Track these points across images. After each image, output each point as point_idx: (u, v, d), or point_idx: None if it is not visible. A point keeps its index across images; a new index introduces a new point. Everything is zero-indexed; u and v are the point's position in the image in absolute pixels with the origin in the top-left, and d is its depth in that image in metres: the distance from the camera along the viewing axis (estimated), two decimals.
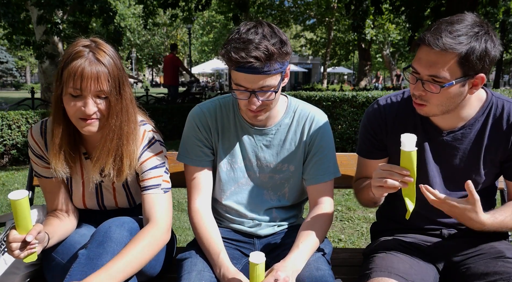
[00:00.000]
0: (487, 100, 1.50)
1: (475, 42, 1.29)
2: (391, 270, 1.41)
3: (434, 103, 1.39)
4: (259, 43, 1.36)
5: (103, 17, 9.80)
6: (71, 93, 1.40)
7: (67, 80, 1.39)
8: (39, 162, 1.61)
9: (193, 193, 1.63)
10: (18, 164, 6.81)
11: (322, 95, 6.99)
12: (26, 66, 51.28)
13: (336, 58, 34.80)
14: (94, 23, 13.81)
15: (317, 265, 1.44)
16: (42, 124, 1.60)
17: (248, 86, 1.42)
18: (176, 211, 4.51)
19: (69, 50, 1.42)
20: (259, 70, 1.38)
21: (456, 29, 1.31)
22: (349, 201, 4.68)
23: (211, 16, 34.94)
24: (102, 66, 1.40)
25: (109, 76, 1.41)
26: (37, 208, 1.69)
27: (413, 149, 1.27)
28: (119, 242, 1.39)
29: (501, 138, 1.49)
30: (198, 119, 1.64)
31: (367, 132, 1.64)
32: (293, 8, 26.42)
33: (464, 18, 1.34)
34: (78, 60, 1.38)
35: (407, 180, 1.29)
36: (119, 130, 1.48)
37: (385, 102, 1.62)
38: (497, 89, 10.80)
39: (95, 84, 1.39)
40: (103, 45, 1.46)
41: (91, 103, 1.40)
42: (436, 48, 1.30)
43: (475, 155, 1.51)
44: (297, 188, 1.70)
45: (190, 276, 1.40)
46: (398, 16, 13.19)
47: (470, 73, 1.33)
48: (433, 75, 1.33)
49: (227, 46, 1.39)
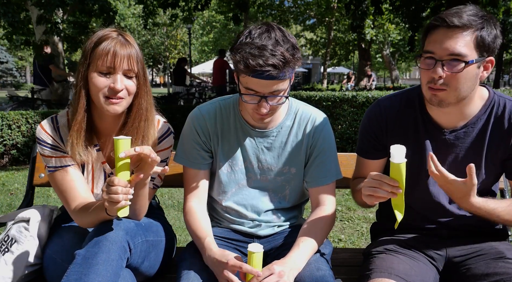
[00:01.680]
0: (489, 99, 1.50)
1: (486, 24, 1.35)
2: (391, 270, 1.41)
3: (454, 86, 1.37)
4: (274, 49, 1.36)
5: (103, 17, 9.80)
6: (101, 70, 1.47)
7: (99, 57, 1.46)
8: (55, 153, 1.57)
9: (188, 194, 1.65)
10: (18, 164, 6.81)
11: (322, 95, 6.99)
12: (26, 66, 51.29)
13: (336, 58, 34.78)
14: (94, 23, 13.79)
15: (317, 265, 1.44)
16: (53, 120, 1.60)
17: (260, 90, 1.42)
18: (176, 211, 4.51)
19: (96, 34, 1.51)
20: (274, 76, 1.38)
21: (468, 11, 1.36)
22: (349, 201, 4.68)
23: (211, 16, 34.96)
24: (133, 47, 1.51)
25: (137, 58, 1.51)
26: (37, 208, 1.68)
27: (402, 161, 1.28)
28: (115, 241, 1.39)
29: (502, 136, 1.48)
30: (198, 122, 1.63)
31: (367, 132, 1.64)
32: (293, 8, 26.41)
33: (466, 8, 1.38)
34: (109, 40, 1.47)
35: (396, 191, 1.30)
36: (145, 112, 1.57)
37: (386, 102, 1.62)
38: (497, 89, 10.82)
39: (127, 62, 1.48)
40: (125, 33, 1.55)
41: (120, 80, 1.48)
42: (458, 23, 1.32)
43: (476, 153, 1.51)
44: (298, 190, 1.70)
45: (189, 276, 1.40)
46: (398, 16, 13.18)
47: (484, 55, 1.37)
48: (454, 53, 1.34)
49: (242, 52, 1.37)
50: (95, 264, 1.33)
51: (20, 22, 10.24)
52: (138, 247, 1.48)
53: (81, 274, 1.31)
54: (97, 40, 1.48)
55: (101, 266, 1.33)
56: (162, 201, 4.85)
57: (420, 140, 1.55)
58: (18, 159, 6.76)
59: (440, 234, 1.61)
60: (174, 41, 42.47)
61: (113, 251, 1.37)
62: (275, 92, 1.43)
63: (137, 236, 1.49)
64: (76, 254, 1.38)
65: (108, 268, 1.34)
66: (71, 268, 1.35)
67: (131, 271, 1.48)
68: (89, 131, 1.57)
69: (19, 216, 1.65)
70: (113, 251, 1.37)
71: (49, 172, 1.59)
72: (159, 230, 1.67)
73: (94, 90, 1.49)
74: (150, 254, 1.56)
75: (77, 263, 1.35)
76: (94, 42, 1.48)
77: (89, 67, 1.48)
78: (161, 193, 5.20)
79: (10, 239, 1.60)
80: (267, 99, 1.43)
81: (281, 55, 1.36)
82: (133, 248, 1.45)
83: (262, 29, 1.41)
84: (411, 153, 1.54)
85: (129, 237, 1.44)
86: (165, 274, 1.69)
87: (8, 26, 9.35)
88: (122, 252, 1.40)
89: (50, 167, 1.58)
